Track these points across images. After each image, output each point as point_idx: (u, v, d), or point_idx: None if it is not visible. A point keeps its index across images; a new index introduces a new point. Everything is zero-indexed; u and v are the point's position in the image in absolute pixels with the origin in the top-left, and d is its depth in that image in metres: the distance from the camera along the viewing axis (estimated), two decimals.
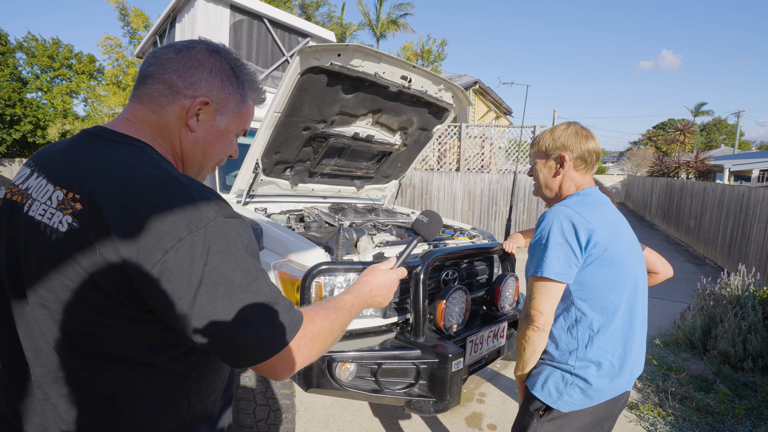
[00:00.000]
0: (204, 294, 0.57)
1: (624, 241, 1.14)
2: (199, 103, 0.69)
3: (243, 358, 0.60)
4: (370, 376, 1.57)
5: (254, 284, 0.61)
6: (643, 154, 24.63)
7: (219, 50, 0.73)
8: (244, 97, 0.75)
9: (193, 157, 0.73)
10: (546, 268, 1.07)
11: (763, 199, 6.12)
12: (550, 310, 1.08)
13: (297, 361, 0.64)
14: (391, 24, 17.73)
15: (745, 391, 3.00)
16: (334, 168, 2.85)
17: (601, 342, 1.10)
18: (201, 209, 0.59)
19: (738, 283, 3.71)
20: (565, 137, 1.21)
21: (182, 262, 0.56)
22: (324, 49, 1.91)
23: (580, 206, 1.12)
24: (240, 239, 0.62)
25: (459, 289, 1.79)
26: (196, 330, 0.58)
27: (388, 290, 0.90)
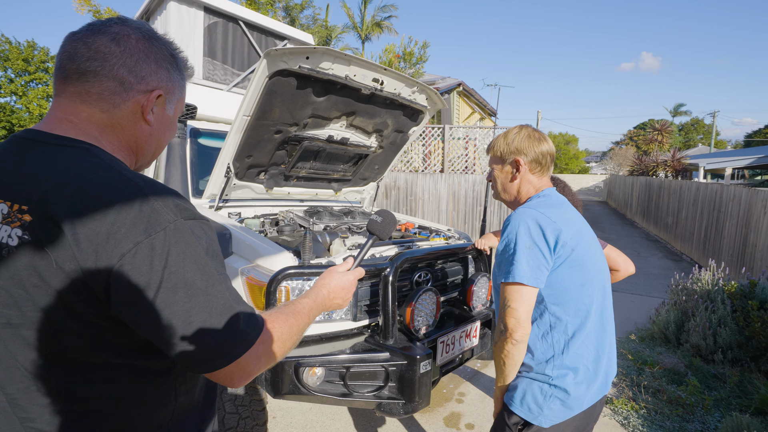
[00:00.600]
0: (163, 298, 0.56)
1: (588, 241, 1.14)
2: (155, 97, 0.69)
3: (201, 363, 0.59)
4: (339, 380, 1.56)
5: (215, 288, 0.60)
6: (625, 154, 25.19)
7: (153, 35, 0.70)
8: (183, 80, 0.76)
9: (148, 148, 0.73)
10: (517, 273, 1.03)
11: (734, 196, 6.31)
12: (526, 318, 1.04)
13: (255, 368, 0.63)
14: (375, 26, 17.77)
15: (715, 383, 3.09)
16: (310, 171, 2.83)
17: (576, 347, 1.08)
18: (159, 212, 0.58)
19: (708, 278, 3.82)
20: (518, 141, 1.21)
21: (140, 266, 0.55)
22: (291, 51, 1.90)
23: (544, 207, 1.12)
24: (200, 242, 0.61)
25: (428, 291, 1.79)
26: (154, 333, 0.57)
27: (346, 292, 0.90)
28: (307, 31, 15.05)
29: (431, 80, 12.26)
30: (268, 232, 2.27)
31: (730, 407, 2.75)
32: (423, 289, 1.77)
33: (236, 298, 0.63)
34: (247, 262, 1.78)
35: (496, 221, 8.25)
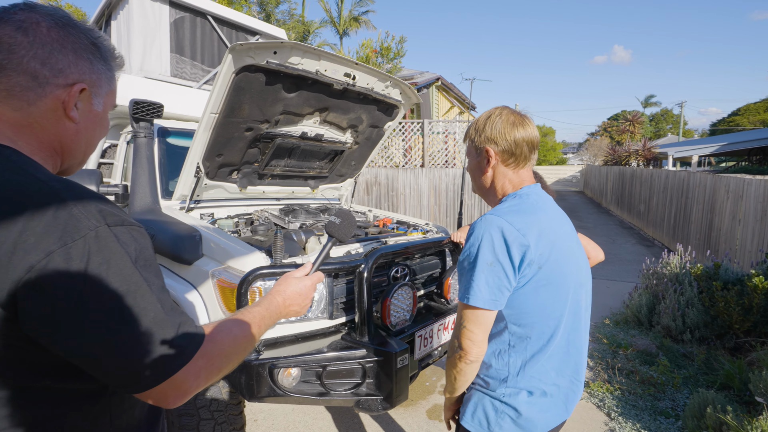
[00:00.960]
0: (83, 313, 0.51)
1: (564, 252, 1.00)
2: (77, 92, 0.62)
3: (129, 383, 0.54)
4: (316, 379, 1.54)
5: (144, 300, 0.55)
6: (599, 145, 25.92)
7: (68, 22, 0.62)
8: (111, 71, 0.68)
9: (76, 149, 0.67)
10: (474, 295, 0.92)
11: (700, 183, 6.58)
12: (483, 338, 0.95)
13: (192, 385, 0.58)
14: (353, 21, 17.58)
15: (684, 362, 3.22)
16: (285, 169, 2.78)
17: (533, 370, 0.98)
18: (78, 218, 0.52)
19: (677, 261, 3.97)
20: (490, 127, 1.04)
21: (53, 279, 0.49)
22: (258, 46, 1.85)
23: (514, 214, 0.97)
24: (128, 250, 0.56)
25: (404, 286, 1.79)
26: (73, 353, 0.52)
27: (303, 298, 0.86)
28: (283, 26, 14.75)
29: (409, 75, 12.25)
30: (241, 233, 2.22)
31: (698, 384, 2.88)
32: (398, 284, 1.76)
33: (171, 309, 0.59)
34: (217, 264, 1.74)
35: (477, 212, 8.35)
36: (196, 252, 1.79)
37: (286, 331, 1.65)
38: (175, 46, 3.44)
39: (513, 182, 1.06)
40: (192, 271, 1.82)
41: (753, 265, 3.59)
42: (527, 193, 1.04)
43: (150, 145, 2.38)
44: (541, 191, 1.07)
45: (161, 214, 2.12)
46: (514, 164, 1.05)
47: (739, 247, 5.15)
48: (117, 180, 3.08)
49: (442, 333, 1.99)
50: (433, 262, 2.38)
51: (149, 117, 2.38)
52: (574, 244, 1.06)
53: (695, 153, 13.16)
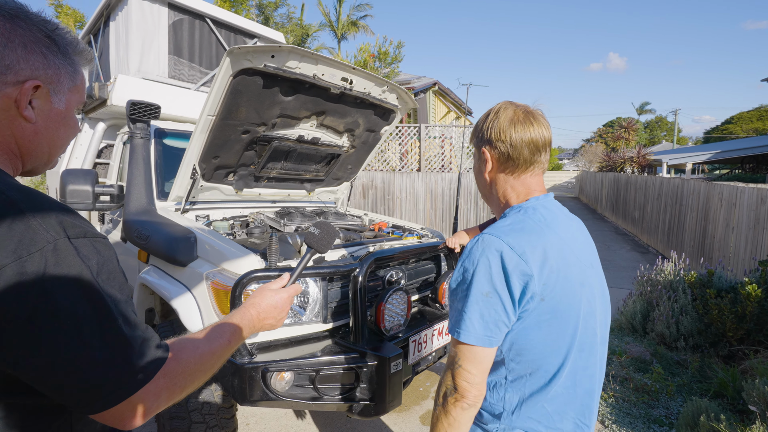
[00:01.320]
0: (37, 330, 0.48)
1: (574, 278, 0.85)
2: (30, 89, 0.58)
3: (84, 403, 0.51)
4: (309, 383, 1.53)
5: (103, 316, 0.52)
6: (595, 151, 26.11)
7: (17, 13, 0.58)
8: (74, 65, 0.64)
9: (36, 150, 0.63)
10: (465, 329, 0.80)
11: (694, 190, 6.64)
12: (482, 378, 0.82)
13: (152, 406, 0.55)
14: (351, 25, 17.68)
15: (678, 369, 3.23)
16: (281, 171, 2.77)
17: (532, 411, 0.86)
18: (35, 230, 0.50)
19: (671, 268, 3.99)
20: (487, 126, 0.92)
21: (5, 294, 0.47)
22: (256, 50, 1.85)
23: (516, 234, 0.83)
24: (89, 263, 0.53)
25: (399, 290, 1.79)
26: (28, 372, 0.49)
27: (279, 311, 0.83)
28: (282, 29, 14.80)
29: (407, 80, 12.31)
30: (237, 235, 2.21)
31: (692, 392, 2.89)
32: (393, 289, 1.76)
33: (133, 326, 0.56)
34: (212, 266, 1.73)
35: (473, 217, 8.37)
36: (190, 254, 1.78)
37: (279, 335, 1.64)
38: (173, 48, 3.44)
39: (516, 190, 0.92)
40: (186, 273, 1.81)
41: (746, 272, 3.62)
42: (533, 207, 0.89)
43: (146, 146, 2.37)
44: (551, 202, 0.93)
45: (156, 216, 2.11)
46: (513, 169, 0.91)
47: (733, 254, 5.19)
48: (113, 180, 3.06)
49: (436, 338, 1.99)
50: (428, 267, 2.38)
51: (146, 118, 2.38)
52: (587, 266, 0.90)
53: (689, 160, 13.30)
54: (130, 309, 0.57)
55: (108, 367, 0.52)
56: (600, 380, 0.93)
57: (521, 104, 0.93)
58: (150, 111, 2.39)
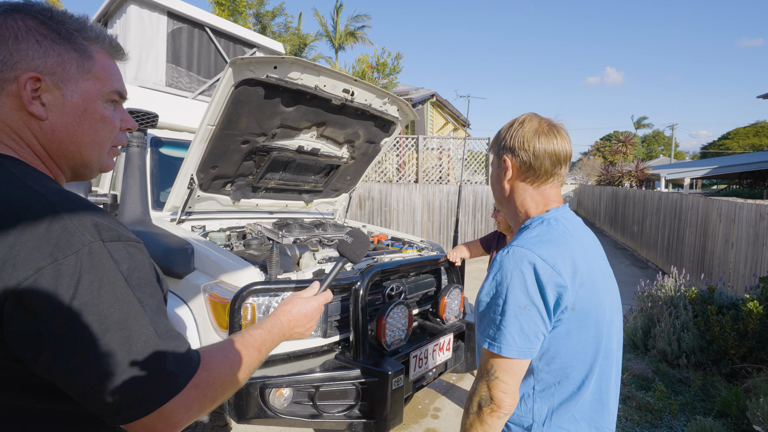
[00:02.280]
0: (70, 334, 0.49)
1: (598, 287, 0.89)
2: (27, 82, 0.55)
3: (114, 412, 0.51)
4: (308, 400, 1.52)
5: (136, 322, 0.53)
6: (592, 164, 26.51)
7: (15, 7, 0.57)
8: (83, 51, 0.60)
9: (61, 149, 0.60)
10: (506, 344, 0.82)
11: (692, 205, 6.75)
12: (516, 388, 0.85)
13: (183, 417, 0.55)
14: (349, 36, 17.99)
15: (681, 387, 3.24)
16: (280, 182, 2.80)
17: (563, 420, 0.88)
18: (72, 232, 0.50)
19: (671, 284, 4.04)
20: (511, 135, 0.94)
21: (42, 297, 0.48)
22: (258, 61, 1.89)
23: (545, 246, 0.85)
24: (121, 268, 0.53)
25: (400, 304, 1.80)
26: (59, 376, 0.50)
27: (309, 319, 0.83)
28: (279, 39, 15.02)
29: (405, 91, 12.50)
30: (234, 246, 2.22)
31: (695, 411, 2.90)
32: (394, 303, 1.77)
33: (166, 332, 0.56)
34: (210, 278, 1.73)
35: (471, 231, 8.41)
36: (187, 265, 1.78)
37: (278, 350, 1.63)
38: (172, 56, 3.49)
39: (536, 201, 0.95)
40: (183, 286, 1.80)
41: (747, 289, 3.67)
42: (555, 218, 0.92)
43: (142, 154, 2.39)
44: (570, 213, 0.96)
45: (151, 226, 2.11)
46: (533, 179, 0.93)
47: (733, 270, 5.27)
48: (106, 189, 3.06)
49: (437, 353, 1.99)
50: (429, 281, 2.40)
51: (143, 126, 2.40)
52: (606, 275, 0.95)
53: (687, 175, 13.55)
54: (162, 315, 0.57)
55: (139, 376, 0.52)
56: (618, 388, 0.97)
57: (545, 117, 0.97)
58: (147, 119, 2.41)
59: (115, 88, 0.64)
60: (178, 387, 0.54)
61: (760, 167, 12.77)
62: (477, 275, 6.02)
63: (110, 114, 0.64)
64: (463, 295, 2.31)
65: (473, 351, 2.33)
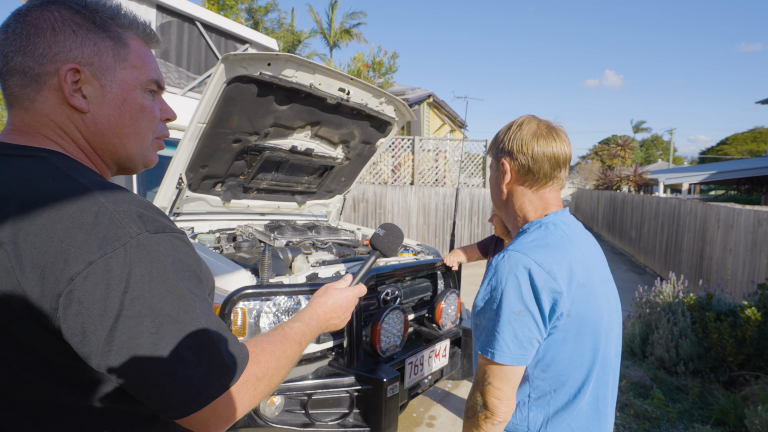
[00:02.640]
0: (124, 328, 0.49)
1: (597, 294, 0.90)
2: (67, 73, 0.56)
3: (169, 406, 0.51)
4: (300, 408, 1.51)
5: (187, 314, 0.53)
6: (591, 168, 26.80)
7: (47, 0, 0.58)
8: (118, 39, 0.61)
9: (106, 143, 0.62)
10: (500, 350, 0.82)
11: (691, 210, 6.85)
12: (512, 395, 0.86)
13: (236, 411, 0.55)
14: (344, 33, 18.03)
15: (679, 395, 3.28)
16: (272, 183, 2.79)
17: (557, 429, 0.89)
18: (119, 224, 0.51)
19: (669, 290, 4.09)
20: (509, 138, 0.95)
21: (94, 291, 0.48)
22: (252, 57, 1.89)
23: (542, 251, 0.86)
24: (169, 260, 0.54)
25: (396, 309, 1.80)
26: (114, 371, 0.50)
27: (344, 311, 0.85)
28: (272, 35, 15.00)
29: (401, 91, 12.55)
30: (224, 249, 2.20)
31: (693, 419, 2.93)
32: (390, 308, 1.77)
33: (215, 325, 0.56)
34: None
35: (467, 235, 8.45)
36: None
37: None
38: (160, 51, 3.47)
39: (534, 205, 0.95)
40: None
41: (745, 296, 3.73)
42: (554, 222, 0.92)
43: None
44: (569, 218, 0.97)
45: None
46: (532, 183, 0.94)
47: (731, 276, 5.35)
48: None
49: (434, 360, 1.99)
50: (425, 285, 2.40)
51: None
52: (606, 281, 0.95)
53: (686, 180, 13.76)
54: (209, 307, 0.57)
55: (193, 368, 0.52)
56: (615, 397, 0.98)
57: (544, 119, 0.97)
58: None
59: (152, 77, 0.65)
60: (231, 381, 0.54)
61: (758, 173, 13.02)
62: (474, 280, 6.04)
63: (149, 103, 0.65)
64: (459, 300, 2.31)
65: (470, 357, 2.34)
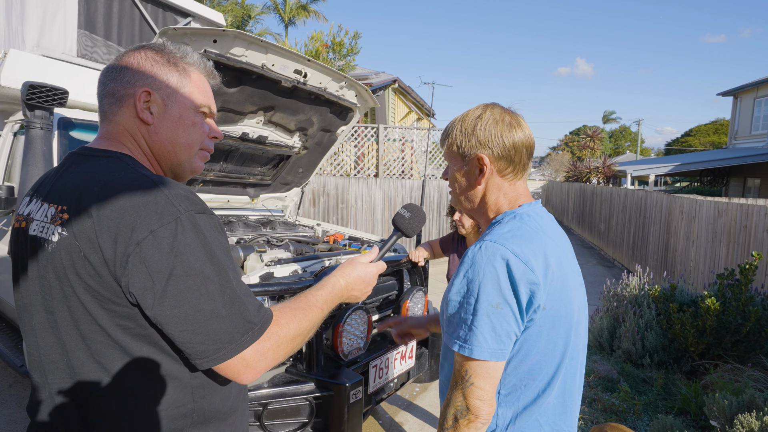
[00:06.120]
0: (175, 284, 0.67)
1: (568, 285, 0.94)
2: (141, 94, 0.80)
3: (206, 353, 0.68)
4: (254, 420, 1.50)
5: (224, 278, 0.71)
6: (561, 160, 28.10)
7: (144, 45, 0.85)
8: (182, 71, 0.84)
9: (162, 150, 0.84)
10: (478, 345, 0.84)
11: (656, 202, 7.37)
12: (493, 394, 0.88)
13: (261, 364, 0.72)
14: (301, 10, 17.66)
15: (644, 387, 3.55)
16: (220, 174, 2.71)
17: (525, 425, 0.92)
18: (173, 203, 0.70)
19: (636, 283, 4.39)
20: (481, 129, 0.95)
21: (154, 253, 0.66)
22: (195, 32, 1.82)
23: (518, 241, 0.88)
24: (210, 233, 0.72)
25: (359, 309, 1.82)
26: (165, 319, 0.67)
27: (366, 284, 0.96)
28: (219, 8, 14.42)
29: (364, 75, 12.51)
30: None
31: (658, 410, 3.19)
32: (352, 308, 1.78)
33: (245, 290, 0.74)
34: None
35: (435, 229, 8.61)
36: None
37: None
38: (85, 22, 3.25)
39: (508, 197, 0.98)
40: None
41: (705, 286, 4.08)
42: (528, 213, 0.95)
43: (47, 138, 2.21)
44: (542, 209, 1.00)
45: None
46: (512, 174, 0.97)
47: (693, 268, 5.83)
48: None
49: (400, 362, 2.03)
50: (390, 283, 2.43)
51: (49, 105, 2.21)
52: (576, 273, 1.00)
53: (652, 172, 14.76)
54: (238, 275, 0.75)
55: (228, 322, 0.69)
56: (581, 390, 1.03)
57: (502, 107, 0.99)
58: (54, 96, 2.23)
59: (204, 103, 0.87)
60: (256, 335, 0.71)
61: (719, 165, 14.21)
62: (442, 277, 6.18)
63: (200, 121, 0.87)
64: (426, 298, 2.37)
65: (437, 358, 2.40)
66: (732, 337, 3.41)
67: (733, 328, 3.37)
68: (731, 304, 3.40)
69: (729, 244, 5.03)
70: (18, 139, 2.70)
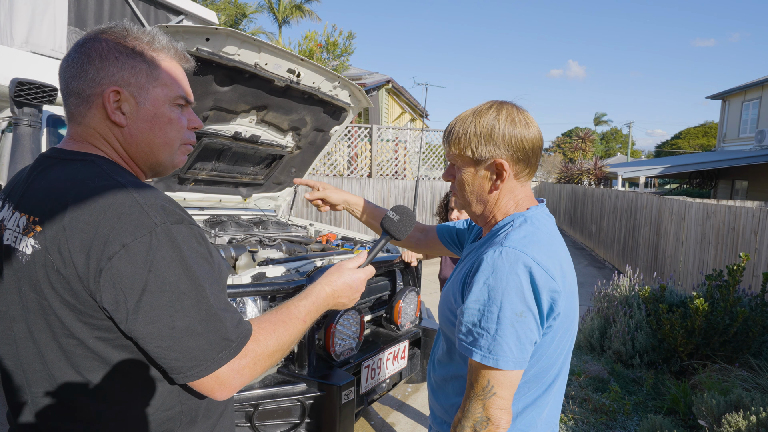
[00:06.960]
0: (148, 300, 0.64)
1: (574, 286, 0.94)
2: (110, 94, 0.73)
3: (179, 370, 0.66)
4: (245, 421, 1.49)
5: (200, 293, 0.67)
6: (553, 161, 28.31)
7: (103, 30, 0.75)
8: (151, 61, 0.75)
9: (139, 152, 0.78)
10: (503, 356, 0.81)
11: (647, 204, 7.46)
12: (511, 403, 0.87)
13: (236, 381, 0.70)
14: (295, 9, 17.61)
15: (634, 387, 3.59)
16: (212, 173, 2.69)
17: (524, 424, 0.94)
18: (148, 215, 0.66)
19: (626, 284, 4.44)
20: (499, 132, 0.90)
21: (126, 268, 0.63)
22: (187, 30, 1.81)
23: (536, 248, 0.85)
24: (187, 246, 0.68)
25: (351, 310, 1.81)
26: (139, 335, 0.65)
27: (353, 291, 0.92)
28: (212, 7, 14.33)
29: (357, 75, 12.50)
30: None
31: (647, 410, 3.22)
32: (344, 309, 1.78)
33: (224, 304, 0.71)
34: None
35: None
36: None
37: None
38: (75, 19, 3.21)
39: (517, 199, 0.96)
40: None
41: (694, 287, 4.14)
42: (537, 217, 0.93)
43: (36, 136, 2.18)
44: (546, 211, 0.98)
45: None
46: (526, 176, 0.95)
47: (683, 268, 5.90)
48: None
49: (392, 363, 2.03)
50: (382, 284, 2.43)
51: (38, 102, 2.19)
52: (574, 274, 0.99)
53: (643, 174, 14.93)
54: (219, 289, 0.71)
55: (202, 339, 0.66)
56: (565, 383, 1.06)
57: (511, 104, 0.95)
58: (43, 93, 2.20)
59: (180, 94, 0.80)
60: (234, 352, 0.69)
61: (708, 167, 14.42)
62: (434, 278, 6.20)
63: (177, 116, 0.80)
64: (419, 298, 2.37)
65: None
66: (720, 338, 3.46)
67: (721, 328, 3.41)
68: (719, 305, 3.45)
69: (717, 246, 5.10)
70: (6, 137, 2.66)
